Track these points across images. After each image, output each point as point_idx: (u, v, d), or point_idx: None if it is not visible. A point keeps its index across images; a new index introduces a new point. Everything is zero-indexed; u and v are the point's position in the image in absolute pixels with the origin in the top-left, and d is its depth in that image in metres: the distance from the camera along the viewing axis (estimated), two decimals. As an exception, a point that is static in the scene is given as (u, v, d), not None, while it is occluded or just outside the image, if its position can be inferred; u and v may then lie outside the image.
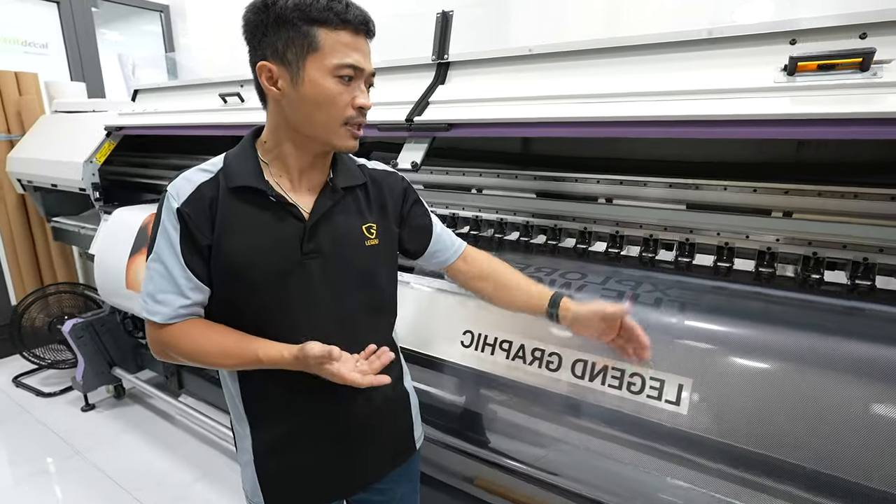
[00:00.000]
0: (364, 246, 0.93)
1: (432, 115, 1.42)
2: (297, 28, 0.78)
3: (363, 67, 0.82)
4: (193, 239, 0.82)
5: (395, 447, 1.07)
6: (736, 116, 1.00)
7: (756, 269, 1.26)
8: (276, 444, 0.94)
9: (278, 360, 0.83)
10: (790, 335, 0.97)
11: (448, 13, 1.48)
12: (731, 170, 1.41)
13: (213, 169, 0.86)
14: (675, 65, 1.16)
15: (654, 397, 0.99)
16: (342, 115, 0.83)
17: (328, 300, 0.90)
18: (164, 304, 0.83)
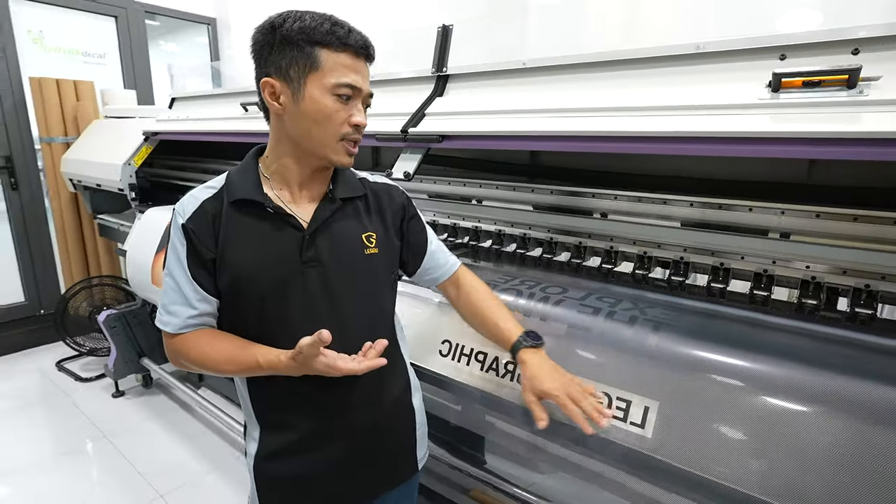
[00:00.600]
0: (363, 254, 0.96)
1: (427, 126, 1.44)
2: (301, 48, 0.83)
3: (361, 87, 0.87)
4: (198, 253, 0.87)
5: (397, 464, 1.07)
6: (715, 133, 0.97)
7: (751, 291, 1.21)
8: (279, 449, 0.96)
9: (276, 365, 0.85)
10: (771, 364, 0.92)
11: (448, 27, 1.51)
12: (737, 188, 1.36)
13: (216, 185, 0.92)
14: (663, 80, 1.13)
15: (620, 418, 0.97)
16: (339, 132, 0.87)
17: (328, 308, 0.92)
18: (174, 315, 0.89)
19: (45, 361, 3.30)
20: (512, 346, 1.00)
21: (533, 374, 0.95)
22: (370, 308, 0.98)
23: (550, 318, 1.13)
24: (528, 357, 0.97)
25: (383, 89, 1.71)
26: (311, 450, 0.96)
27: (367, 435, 0.99)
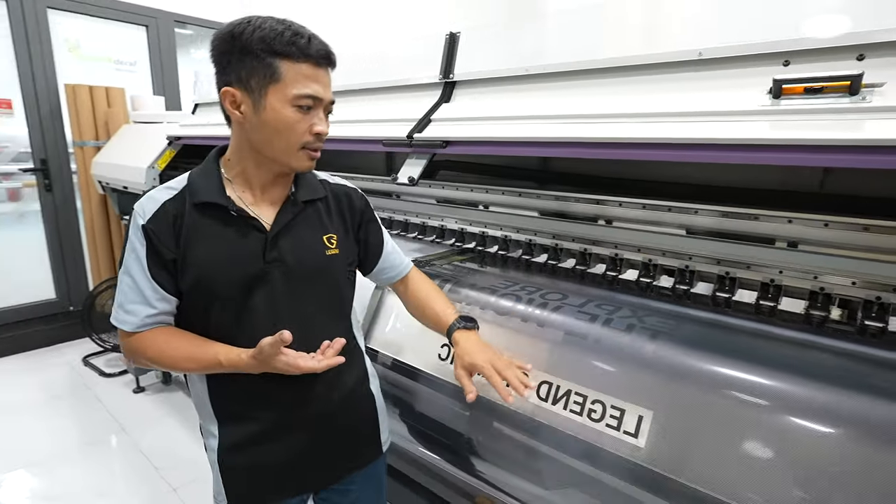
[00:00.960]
0: (325, 255, 0.99)
1: (433, 132, 1.46)
2: (262, 59, 0.83)
3: (321, 97, 0.88)
4: (159, 253, 0.88)
5: (360, 446, 1.10)
6: (713, 140, 0.95)
7: (757, 301, 1.18)
8: (241, 441, 0.98)
9: (237, 363, 0.88)
10: (773, 376, 0.90)
11: (455, 34, 1.52)
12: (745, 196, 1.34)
13: (177, 186, 0.93)
14: (665, 86, 1.12)
15: (614, 427, 0.96)
16: (300, 141, 0.88)
17: (290, 307, 0.96)
18: (132, 313, 0.90)
19: (73, 356, 3.43)
20: (447, 330, 1.06)
21: (462, 350, 1.00)
22: (331, 306, 1.02)
23: (547, 324, 1.13)
24: (459, 337, 1.03)
25: (392, 95, 1.74)
26: (273, 440, 0.99)
27: (327, 423, 1.02)
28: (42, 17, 3.39)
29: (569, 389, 1.03)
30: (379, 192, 2.05)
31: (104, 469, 2.33)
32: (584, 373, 1.03)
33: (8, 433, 2.54)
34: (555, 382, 1.06)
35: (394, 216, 2.02)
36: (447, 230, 1.85)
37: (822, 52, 0.93)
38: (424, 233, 1.92)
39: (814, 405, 0.82)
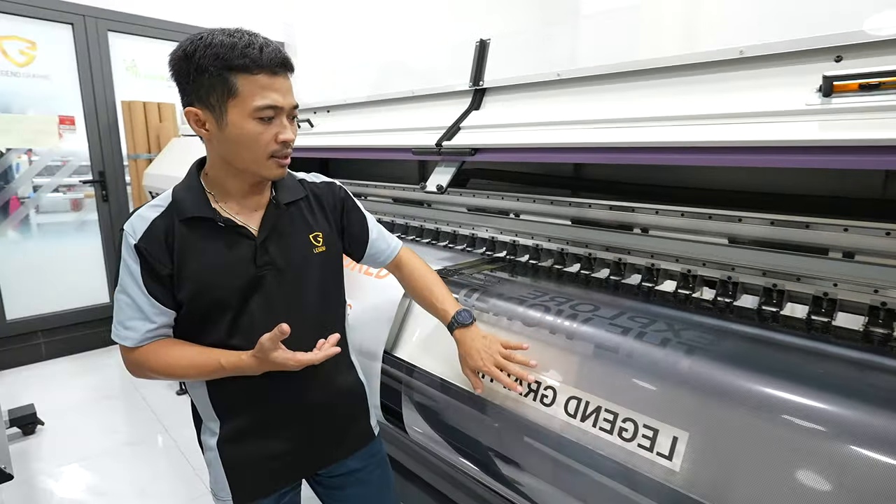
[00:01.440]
0: (313, 253, 1.03)
1: (462, 140, 1.45)
2: (216, 76, 0.83)
3: (281, 105, 0.87)
4: (153, 270, 0.90)
5: (356, 428, 1.18)
6: (756, 143, 0.89)
7: (808, 316, 1.09)
8: (242, 434, 1.02)
9: (238, 365, 0.92)
10: (821, 398, 0.82)
11: (486, 41, 1.51)
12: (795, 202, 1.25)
13: (163, 204, 0.93)
14: (703, 87, 1.07)
15: (646, 447, 0.90)
16: (266, 151, 0.89)
17: (285, 307, 0.99)
18: (132, 329, 0.92)
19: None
20: (448, 326, 1.12)
21: (464, 352, 1.09)
22: (324, 302, 1.06)
23: (577, 336, 1.08)
24: (459, 336, 1.10)
25: (423, 104, 1.74)
26: (273, 432, 1.04)
27: (323, 412, 1.09)
28: (103, 39, 3.63)
29: (598, 406, 0.98)
30: (410, 201, 2.06)
31: (147, 468, 2.41)
32: (615, 389, 0.97)
33: (64, 429, 2.68)
34: (584, 398, 1.01)
35: (425, 224, 2.01)
36: (478, 239, 1.83)
37: (879, 46, 0.85)
38: (455, 241, 1.91)
39: (872, 431, 0.74)
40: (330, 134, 2.02)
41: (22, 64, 3.38)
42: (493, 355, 1.06)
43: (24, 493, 2.19)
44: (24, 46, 3.37)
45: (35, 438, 2.58)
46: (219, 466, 1.03)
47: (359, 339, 1.47)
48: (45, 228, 3.69)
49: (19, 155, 3.52)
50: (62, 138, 3.61)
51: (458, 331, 1.10)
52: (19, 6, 3.26)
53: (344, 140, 1.89)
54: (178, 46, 0.86)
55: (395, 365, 1.39)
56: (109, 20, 3.63)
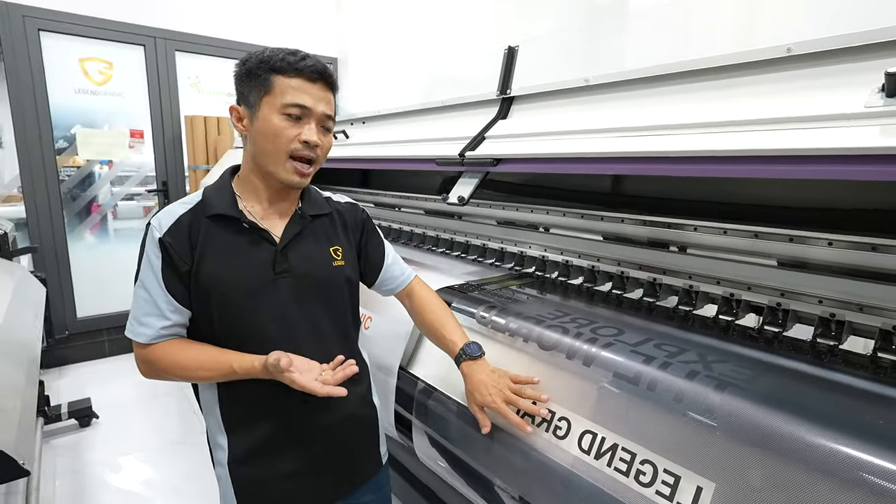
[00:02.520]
0: (331, 266, 1.03)
1: (486, 150, 1.39)
2: (259, 76, 0.92)
3: (310, 107, 0.91)
4: (174, 265, 0.92)
5: (365, 458, 1.13)
6: (804, 151, 0.77)
7: (874, 353, 0.94)
8: (251, 453, 0.99)
9: (250, 370, 0.90)
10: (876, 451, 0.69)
11: (514, 48, 1.45)
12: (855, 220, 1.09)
13: (192, 202, 0.97)
14: (746, 90, 0.95)
15: (665, 496, 0.79)
16: (287, 148, 0.91)
17: (298, 316, 0.98)
18: (146, 326, 0.93)
19: (176, 358, 3.78)
20: (455, 359, 1.07)
21: (471, 387, 1.02)
22: (339, 315, 1.06)
23: (596, 362, 0.98)
24: (466, 369, 1.04)
25: (453, 114, 1.70)
26: (282, 452, 1.00)
27: (334, 434, 1.05)
28: (171, 58, 3.90)
29: (615, 443, 0.88)
30: (442, 213, 2.02)
31: (185, 466, 2.49)
32: (634, 425, 0.87)
33: (117, 424, 2.84)
34: (599, 433, 0.91)
35: (455, 237, 1.96)
36: (507, 253, 1.76)
37: (959, 37, 0.72)
38: (485, 255, 1.84)
39: (945, 504, 0.60)
40: (362, 145, 2.02)
41: (100, 83, 3.68)
42: (503, 390, 1.00)
43: (75, 482, 2.33)
44: (102, 67, 3.68)
45: (90, 431, 2.75)
46: (228, 485, 1.01)
47: (376, 354, 1.43)
48: (120, 233, 3.98)
49: (101, 166, 3.83)
50: (133, 150, 3.89)
51: (465, 364, 1.05)
52: (100, 30, 3.56)
53: (374, 151, 1.89)
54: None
55: (409, 382, 1.34)
56: (177, 41, 3.89)
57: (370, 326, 1.57)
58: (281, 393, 0.95)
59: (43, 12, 3.33)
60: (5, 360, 1.31)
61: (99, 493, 2.25)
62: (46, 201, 3.48)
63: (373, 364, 1.43)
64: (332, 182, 3.02)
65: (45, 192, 3.47)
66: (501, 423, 1.05)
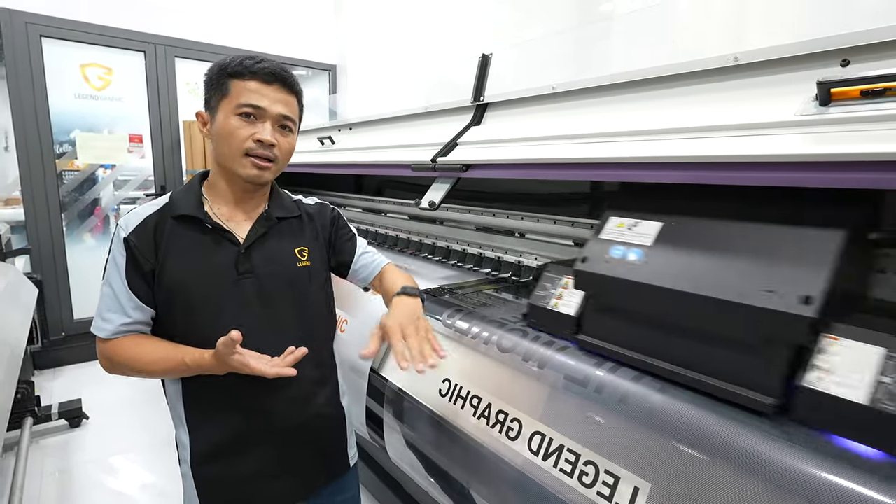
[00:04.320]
0: (296, 267, 1.03)
1: (457, 156, 1.41)
2: (218, 81, 0.94)
3: (264, 107, 0.94)
4: (138, 264, 0.94)
5: (331, 461, 1.13)
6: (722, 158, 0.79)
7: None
8: (213, 449, 1.00)
9: (201, 363, 0.91)
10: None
11: (488, 56, 1.48)
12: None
13: (160, 203, 0.99)
14: (694, 98, 0.97)
15: (605, 497, 0.80)
16: (242, 147, 0.94)
17: (262, 316, 0.99)
18: (108, 321, 0.94)
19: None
20: (392, 297, 1.01)
21: (388, 314, 0.96)
22: (304, 315, 1.05)
23: (549, 365, 0.99)
24: (396, 300, 0.99)
25: (433, 120, 1.73)
26: (244, 449, 1.00)
27: (298, 434, 1.04)
28: (171, 65, 3.96)
29: (561, 444, 0.89)
30: (423, 218, 2.04)
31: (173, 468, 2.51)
32: (578, 426, 0.88)
33: (106, 424, 2.86)
34: (548, 434, 0.92)
35: (437, 242, 1.98)
36: (485, 258, 1.78)
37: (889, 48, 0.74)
38: (464, 260, 1.86)
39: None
40: (346, 150, 2.05)
41: (100, 88, 3.75)
42: (406, 323, 0.92)
43: (61, 482, 2.35)
44: (102, 72, 3.74)
45: (79, 431, 2.77)
46: (191, 483, 1.02)
47: (351, 355, 1.45)
48: (118, 236, 4.02)
49: (104, 169, 3.89)
50: (131, 154, 3.95)
51: (397, 296, 1.00)
52: (101, 37, 3.63)
53: (356, 156, 1.92)
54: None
55: (379, 384, 1.35)
56: (177, 47, 3.96)
57: (346, 329, 1.59)
58: (243, 390, 0.97)
59: (45, 19, 3.40)
60: (-16, 358, 1.34)
61: (85, 493, 2.27)
62: (45, 204, 3.54)
63: (346, 366, 1.45)
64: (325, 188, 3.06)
65: (43, 195, 3.53)
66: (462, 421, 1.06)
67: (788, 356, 0.73)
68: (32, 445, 2.55)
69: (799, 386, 0.71)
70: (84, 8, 3.52)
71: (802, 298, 0.70)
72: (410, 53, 3.85)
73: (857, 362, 0.67)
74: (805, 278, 0.71)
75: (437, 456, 1.14)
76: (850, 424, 0.66)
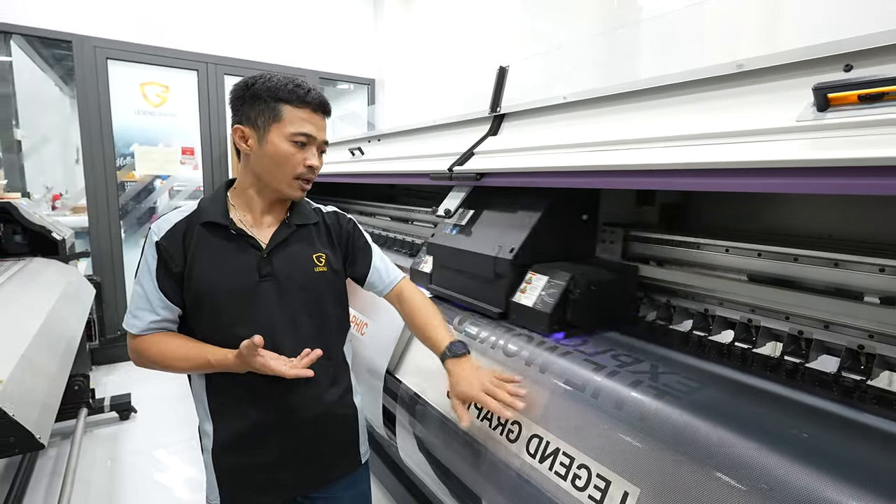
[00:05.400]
0: (313, 272, 1.09)
1: (473, 165, 1.45)
2: (268, 103, 0.99)
3: (315, 136, 1.02)
4: (167, 266, 1.01)
5: (342, 455, 1.17)
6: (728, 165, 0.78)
7: (838, 372, 0.91)
8: (233, 439, 1.06)
9: (224, 362, 0.98)
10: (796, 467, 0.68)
11: (505, 68, 1.51)
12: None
13: (189, 210, 1.06)
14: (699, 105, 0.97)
15: (597, 500, 0.80)
16: (294, 171, 1.01)
17: (281, 318, 1.05)
18: (138, 318, 1.02)
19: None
20: (440, 357, 1.07)
21: (454, 381, 1.02)
22: (320, 317, 1.10)
23: (550, 370, 1.01)
24: (450, 366, 1.04)
25: (452, 131, 1.77)
26: (262, 441, 1.06)
27: (312, 429, 1.09)
28: (220, 81, 4.22)
29: (557, 448, 0.90)
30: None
31: (209, 462, 2.64)
32: (574, 430, 0.89)
33: (152, 418, 3.05)
34: (545, 437, 0.93)
35: (459, 250, 2.02)
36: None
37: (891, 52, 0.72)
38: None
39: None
40: (373, 161, 2.13)
41: (157, 105, 4.04)
42: (485, 386, 0.98)
43: (112, 470, 2.52)
44: (159, 90, 4.04)
45: (128, 423, 2.97)
46: (211, 471, 1.10)
47: (369, 357, 1.51)
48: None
49: (161, 181, 4.19)
50: (184, 165, 4.23)
51: (449, 361, 1.05)
52: (160, 57, 3.93)
53: (381, 166, 1.99)
54: (243, 79, 1.03)
55: (393, 385, 1.40)
56: (227, 65, 4.21)
57: (366, 332, 1.65)
58: (262, 386, 1.03)
59: (111, 42, 3.72)
60: (42, 350, 1.48)
61: (130, 481, 2.43)
62: (106, 212, 3.83)
63: (364, 367, 1.50)
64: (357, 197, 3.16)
65: (105, 204, 3.82)
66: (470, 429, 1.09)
67: (507, 284, 1.26)
68: (86, 434, 2.75)
69: (510, 301, 1.24)
70: (145, 31, 3.81)
71: (509, 250, 1.25)
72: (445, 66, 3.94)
73: (536, 286, 1.21)
74: (514, 239, 1.26)
75: (444, 455, 1.16)
76: (530, 320, 1.19)
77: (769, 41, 0.85)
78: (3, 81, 3.61)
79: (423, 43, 4.45)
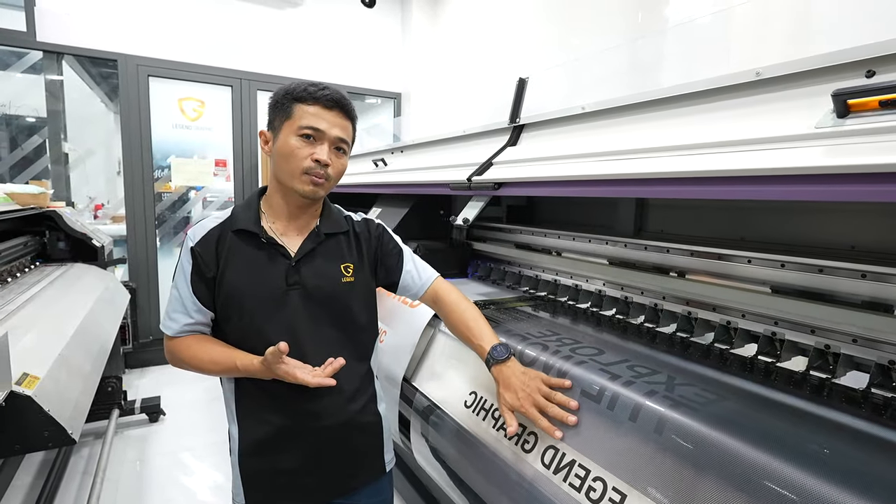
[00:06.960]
0: (340, 282, 1.09)
1: (491, 175, 1.46)
2: (283, 104, 1.02)
3: (323, 130, 1.00)
4: (201, 271, 1.03)
5: (367, 463, 1.16)
6: (746, 172, 0.77)
7: (867, 388, 0.88)
8: (258, 445, 1.08)
9: (249, 368, 1.00)
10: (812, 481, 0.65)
11: (524, 79, 1.52)
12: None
13: (223, 217, 1.08)
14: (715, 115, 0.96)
15: (609, 513, 0.79)
16: (301, 166, 1.00)
17: (307, 325, 1.05)
18: (174, 321, 1.05)
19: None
20: (485, 363, 1.06)
21: (502, 389, 1.01)
22: (345, 328, 1.10)
23: (567, 377, 1.00)
24: (496, 373, 1.03)
25: (474, 142, 1.79)
26: (287, 446, 1.06)
27: (336, 436, 1.09)
28: (253, 96, 4.37)
29: (573, 459, 0.89)
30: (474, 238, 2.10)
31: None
32: (588, 441, 0.88)
33: (180, 421, 3.13)
34: (561, 448, 0.92)
35: (479, 261, 2.03)
36: (524, 277, 1.79)
37: (918, 56, 0.70)
38: (504, 278, 1.89)
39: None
40: (396, 172, 2.17)
41: (193, 119, 4.22)
42: (532, 394, 0.97)
43: (141, 470, 2.60)
44: (196, 105, 4.22)
45: (157, 426, 3.06)
46: (237, 473, 1.12)
47: (386, 364, 1.52)
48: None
49: (195, 192, 4.36)
50: (217, 177, 4.38)
51: (494, 367, 1.04)
52: (197, 74, 4.11)
53: (402, 177, 2.02)
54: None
55: (409, 392, 1.40)
56: (259, 81, 4.37)
57: (384, 340, 1.66)
58: (287, 393, 1.04)
59: (152, 61, 3.91)
60: (77, 350, 1.56)
61: (157, 482, 2.50)
62: (143, 221, 4.00)
63: (382, 374, 1.52)
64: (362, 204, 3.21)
65: (142, 213, 3.99)
66: (483, 436, 1.08)
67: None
68: (117, 435, 2.84)
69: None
70: (184, 49, 4.00)
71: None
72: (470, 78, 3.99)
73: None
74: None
75: (457, 463, 1.16)
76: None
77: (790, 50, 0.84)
78: (54, 98, 3.83)
79: (448, 56, 4.52)
